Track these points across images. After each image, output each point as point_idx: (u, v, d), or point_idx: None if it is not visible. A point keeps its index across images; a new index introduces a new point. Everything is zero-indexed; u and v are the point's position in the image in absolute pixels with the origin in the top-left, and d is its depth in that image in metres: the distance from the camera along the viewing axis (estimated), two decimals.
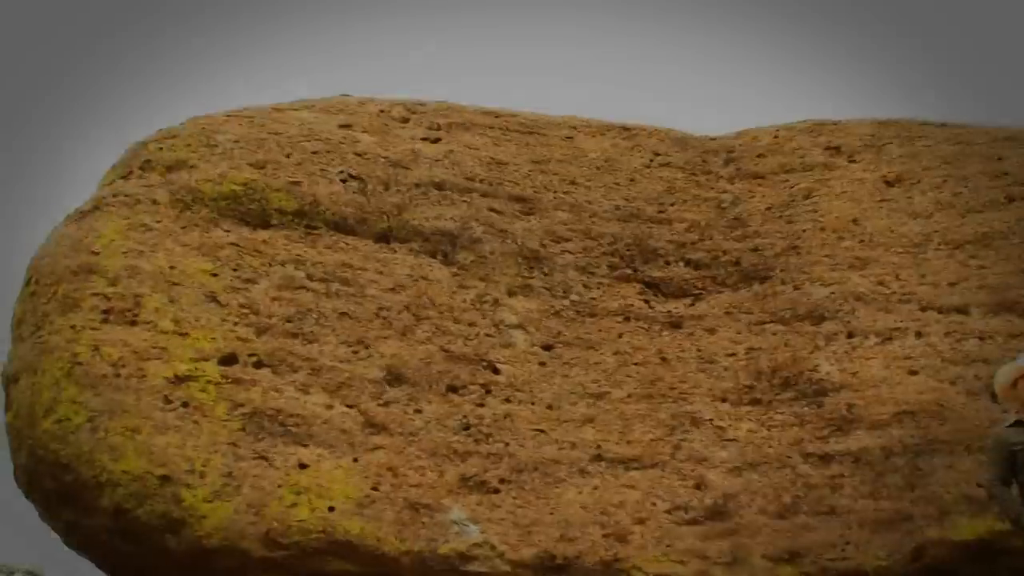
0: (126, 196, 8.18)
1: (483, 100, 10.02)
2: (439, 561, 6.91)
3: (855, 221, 8.99)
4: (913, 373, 7.97)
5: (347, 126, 9.33)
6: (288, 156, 8.80)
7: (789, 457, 7.74)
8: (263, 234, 8.27)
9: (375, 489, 7.05)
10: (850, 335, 8.27)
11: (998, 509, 6.41)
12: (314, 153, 8.88)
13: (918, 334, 8.20)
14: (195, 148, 8.69)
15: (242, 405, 7.21)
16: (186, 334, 7.45)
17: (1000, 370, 6.95)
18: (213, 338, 7.49)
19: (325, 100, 9.72)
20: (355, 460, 7.18)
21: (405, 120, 9.60)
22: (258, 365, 7.46)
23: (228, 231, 8.19)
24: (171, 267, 7.76)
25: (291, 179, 8.60)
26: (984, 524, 7.08)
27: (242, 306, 7.73)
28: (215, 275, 7.85)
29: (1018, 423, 6.50)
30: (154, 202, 8.17)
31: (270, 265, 8.06)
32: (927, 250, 8.72)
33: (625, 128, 10.03)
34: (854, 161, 9.58)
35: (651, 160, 9.74)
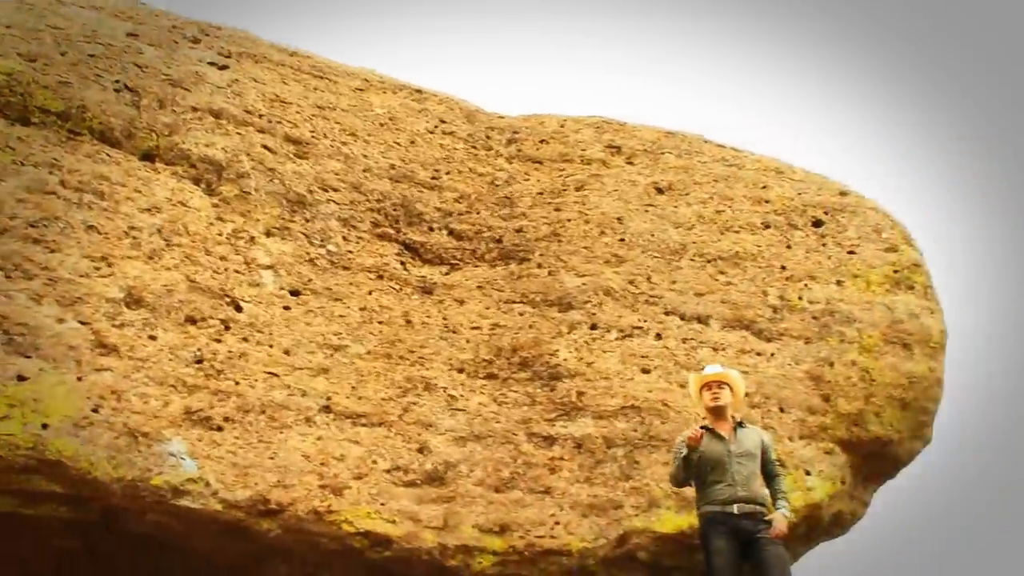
0: None
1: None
2: (151, 492, 6.73)
3: (619, 220, 9.28)
4: (646, 371, 8.35)
5: (134, 35, 8.93)
6: (63, 54, 8.34)
7: (514, 434, 7.99)
8: (20, 130, 7.79)
9: (95, 411, 6.77)
10: (593, 327, 8.58)
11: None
12: (92, 56, 8.45)
13: (657, 335, 8.58)
14: None
15: None
16: None
17: (690, 378, 7.46)
18: None
19: (117, 4, 9.28)
20: (79, 379, 6.86)
21: (196, 41, 9.29)
22: None
23: None
24: None
25: (61, 78, 8.14)
26: (686, 520, 7.55)
27: None
28: None
29: (704, 428, 6.99)
30: None
31: (22, 164, 7.60)
32: (682, 259, 9.09)
33: (417, 91, 10.04)
34: (631, 163, 9.87)
35: (436, 126, 9.79)
